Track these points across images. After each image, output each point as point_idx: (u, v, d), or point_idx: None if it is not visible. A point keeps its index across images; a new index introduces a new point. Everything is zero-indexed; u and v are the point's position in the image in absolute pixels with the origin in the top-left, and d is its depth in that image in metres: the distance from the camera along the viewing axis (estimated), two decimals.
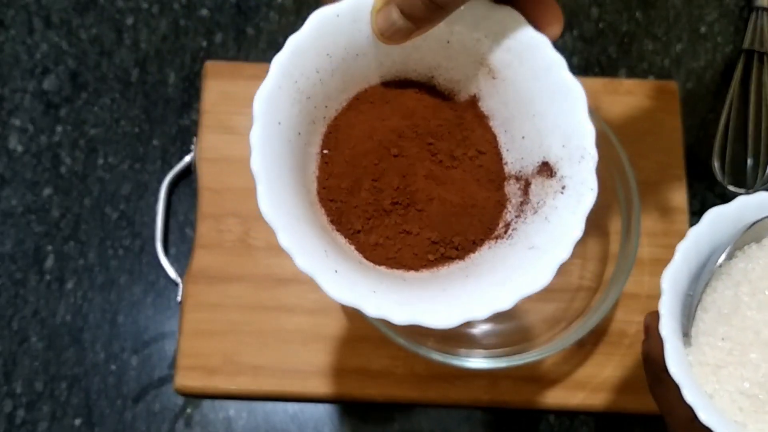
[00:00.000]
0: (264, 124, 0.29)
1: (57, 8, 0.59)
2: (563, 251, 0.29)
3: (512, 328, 0.50)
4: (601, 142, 0.48)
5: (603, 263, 0.50)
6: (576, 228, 0.29)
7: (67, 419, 0.50)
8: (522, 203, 0.32)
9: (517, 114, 0.32)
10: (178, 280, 0.51)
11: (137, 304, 0.52)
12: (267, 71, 0.29)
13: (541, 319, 0.50)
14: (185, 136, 0.56)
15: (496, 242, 0.31)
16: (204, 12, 0.59)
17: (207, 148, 0.53)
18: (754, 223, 0.33)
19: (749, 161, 0.55)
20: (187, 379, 0.49)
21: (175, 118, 0.56)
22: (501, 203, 0.32)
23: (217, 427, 0.50)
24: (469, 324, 0.50)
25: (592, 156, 0.30)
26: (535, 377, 0.49)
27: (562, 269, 0.52)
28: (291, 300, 0.50)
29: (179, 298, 0.50)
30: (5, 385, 0.50)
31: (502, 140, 0.33)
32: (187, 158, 0.54)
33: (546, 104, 0.31)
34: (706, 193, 0.55)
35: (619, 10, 0.60)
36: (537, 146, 0.31)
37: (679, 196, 0.53)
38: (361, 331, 0.50)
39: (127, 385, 0.50)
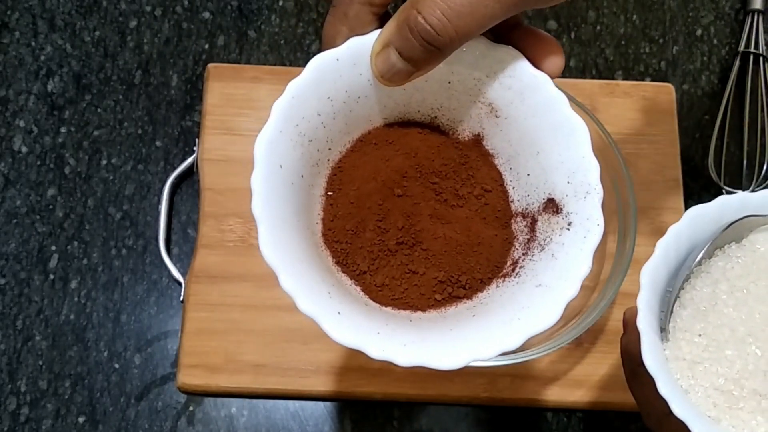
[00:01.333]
0: (265, 167, 0.29)
1: (61, 11, 0.60)
2: (570, 288, 0.29)
3: None
4: (598, 143, 0.49)
5: (600, 263, 0.50)
6: (583, 264, 0.29)
7: (71, 417, 0.50)
8: (529, 240, 0.31)
9: (521, 151, 0.32)
10: (181, 279, 0.51)
11: (140, 303, 0.53)
12: (269, 114, 0.29)
13: None
14: (188, 138, 0.56)
15: (503, 281, 0.31)
16: (206, 15, 0.60)
17: (209, 149, 0.54)
18: (733, 223, 0.34)
19: (745, 162, 0.56)
20: (189, 377, 0.49)
21: (178, 119, 0.57)
22: (508, 241, 0.32)
23: (218, 425, 0.50)
24: None
25: (597, 191, 0.30)
26: (533, 375, 0.50)
27: None
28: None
29: (182, 298, 0.51)
30: (10, 383, 0.51)
31: (508, 178, 0.33)
32: (190, 159, 0.54)
33: (549, 141, 0.31)
34: (702, 194, 0.56)
35: (615, 13, 0.61)
36: (542, 183, 0.31)
37: (676, 197, 0.54)
38: None
39: (130, 383, 0.51)
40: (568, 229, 0.30)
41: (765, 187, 0.55)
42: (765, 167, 0.55)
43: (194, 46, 0.59)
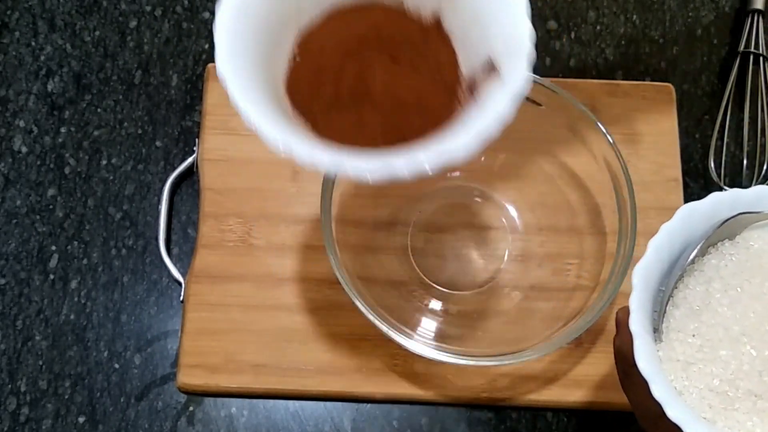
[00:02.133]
0: (233, 14, 0.33)
1: (61, 11, 0.60)
2: (491, 126, 0.32)
3: (510, 327, 0.50)
4: (598, 143, 0.49)
5: (600, 263, 0.50)
6: (505, 107, 0.32)
7: (71, 417, 0.50)
8: (469, 101, 0.35)
9: (471, 25, 0.36)
10: (181, 279, 0.51)
11: (140, 303, 0.53)
12: None
13: (539, 317, 0.50)
14: (188, 138, 0.56)
15: (442, 133, 0.35)
16: (206, 15, 0.60)
17: (209, 149, 0.54)
18: (727, 220, 0.33)
19: (745, 162, 0.56)
20: (189, 377, 0.49)
21: (178, 119, 0.57)
22: (453, 105, 0.36)
23: (218, 425, 0.50)
24: (468, 324, 0.51)
25: (527, 52, 0.33)
26: (533, 375, 0.50)
27: (560, 269, 0.53)
28: (291, 299, 0.51)
29: (181, 298, 0.51)
30: (10, 383, 0.51)
31: (460, 54, 0.37)
32: (190, 159, 0.55)
33: (494, 12, 0.34)
34: (702, 194, 0.55)
35: (616, 13, 0.61)
36: (485, 50, 0.35)
37: (675, 197, 0.54)
38: (360, 330, 0.50)
39: (130, 383, 0.51)
40: (498, 82, 0.33)
41: None
42: (765, 167, 0.55)
43: (194, 46, 0.59)
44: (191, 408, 0.50)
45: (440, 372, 0.49)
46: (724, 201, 0.34)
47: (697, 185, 0.56)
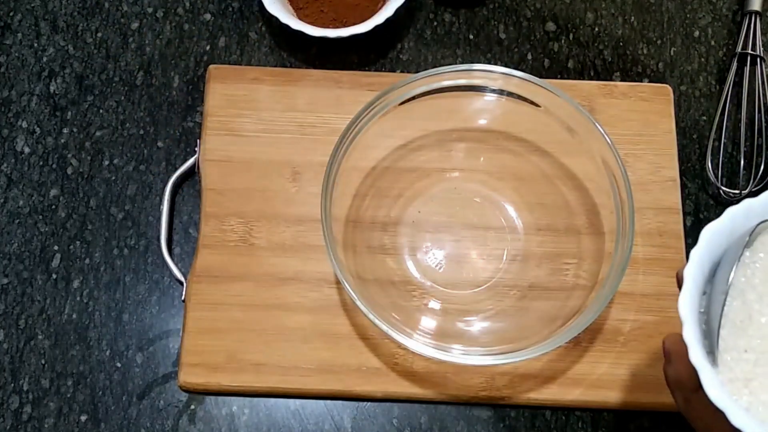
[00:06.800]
0: None
1: (63, 12, 0.60)
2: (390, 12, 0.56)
3: (509, 326, 0.51)
4: (597, 143, 0.50)
5: (598, 263, 0.50)
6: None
7: (73, 415, 0.50)
8: (381, 6, 0.58)
9: None
10: (182, 279, 0.51)
11: (142, 302, 0.53)
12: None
13: (537, 317, 0.51)
14: (189, 138, 0.57)
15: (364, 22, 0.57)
16: (207, 17, 0.60)
17: (210, 150, 0.54)
18: (753, 231, 0.33)
19: (742, 162, 0.56)
20: (190, 376, 0.49)
21: (180, 120, 0.57)
22: (375, 7, 0.58)
23: (219, 423, 0.50)
24: (467, 323, 0.51)
25: None
26: (532, 374, 0.50)
27: (558, 268, 0.53)
28: (292, 298, 0.51)
29: (183, 297, 0.51)
30: (12, 382, 0.51)
31: None
32: (191, 160, 0.55)
33: None
34: (699, 194, 0.56)
35: (614, 14, 0.61)
36: None
37: (673, 197, 0.54)
38: (360, 329, 0.50)
39: (132, 381, 0.51)
40: None
41: (763, 188, 0.56)
42: (762, 167, 0.56)
43: (195, 48, 0.59)
44: (192, 407, 0.51)
45: (439, 371, 0.50)
46: (738, 214, 0.35)
47: (694, 185, 0.56)
